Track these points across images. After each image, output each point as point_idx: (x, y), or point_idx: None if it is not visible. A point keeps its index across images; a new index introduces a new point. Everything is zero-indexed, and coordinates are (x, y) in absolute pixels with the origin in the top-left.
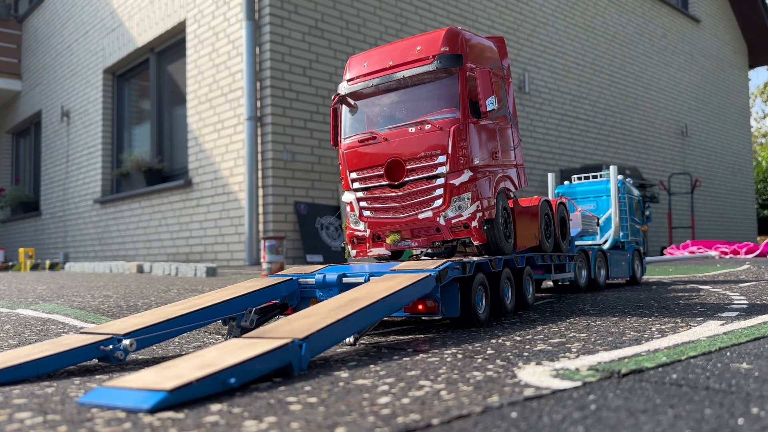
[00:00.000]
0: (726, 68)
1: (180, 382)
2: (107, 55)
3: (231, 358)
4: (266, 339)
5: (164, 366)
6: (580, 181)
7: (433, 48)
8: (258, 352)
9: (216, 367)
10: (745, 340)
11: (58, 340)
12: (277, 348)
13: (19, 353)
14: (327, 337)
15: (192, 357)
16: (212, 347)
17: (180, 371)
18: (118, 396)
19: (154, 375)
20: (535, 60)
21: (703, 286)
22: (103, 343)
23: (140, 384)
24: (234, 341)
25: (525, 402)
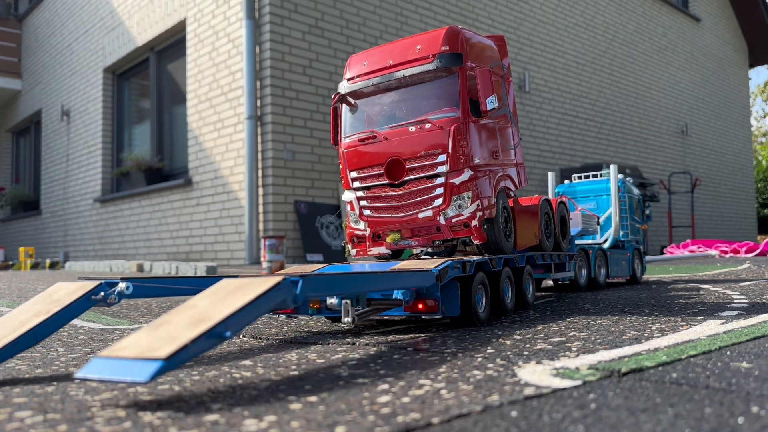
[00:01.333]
0: (726, 67)
1: (175, 346)
2: (107, 54)
3: (224, 307)
4: (259, 278)
5: (156, 325)
6: (580, 180)
7: (434, 47)
8: (250, 298)
9: (210, 322)
10: (746, 339)
11: (49, 295)
12: (269, 289)
13: (13, 322)
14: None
15: (184, 309)
16: (204, 294)
17: (173, 330)
18: (114, 368)
19: (147, 338)
20: (536, 59)
21: (703, 285)
22: (93, 292)
23: (135, 352)
24: (225, 283)
25: (525, 401)
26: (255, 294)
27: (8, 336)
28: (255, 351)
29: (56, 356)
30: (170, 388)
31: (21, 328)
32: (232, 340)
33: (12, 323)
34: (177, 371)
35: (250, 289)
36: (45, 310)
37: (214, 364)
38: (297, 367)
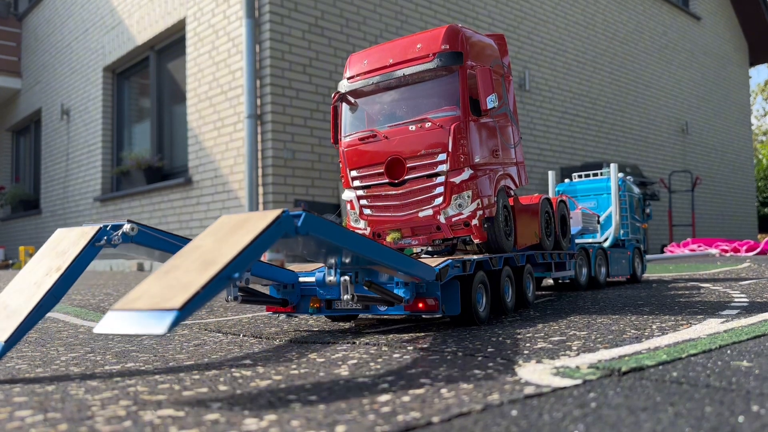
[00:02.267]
0: (727, 66)
1: (187, 295)
2: (107, 53)
3: (228, 247)
4: (258, 213)
5: (165, 271)
6: (580, 179)
7: (434, 46)
8: (253, 236)
9: (218, 265)
10: (746, 338)
11: (53, 247)
12: (270, 224)
13: (28, 284)
14: (325, 221)
15: (190, 251)
16: (206, 233)
17: (183, 276)
18: (131, 321)
19: (158, 287)
20: (536, 58)
21: (703, 284)
22: (96, 238)
23: (148, 303)
24: (226, 219)
25: (525, 400)
26: (257, 231)
27: (32, 300)
28: (255, 350)
29: (56, 355)
30: (170, 387)
31: (39, 290)
32: (232, 337)
33: (27, 286)
34: (177, 370)
35: (251, 225)
36: (55, 266)
37: (215, 363)
38: (297, 366)
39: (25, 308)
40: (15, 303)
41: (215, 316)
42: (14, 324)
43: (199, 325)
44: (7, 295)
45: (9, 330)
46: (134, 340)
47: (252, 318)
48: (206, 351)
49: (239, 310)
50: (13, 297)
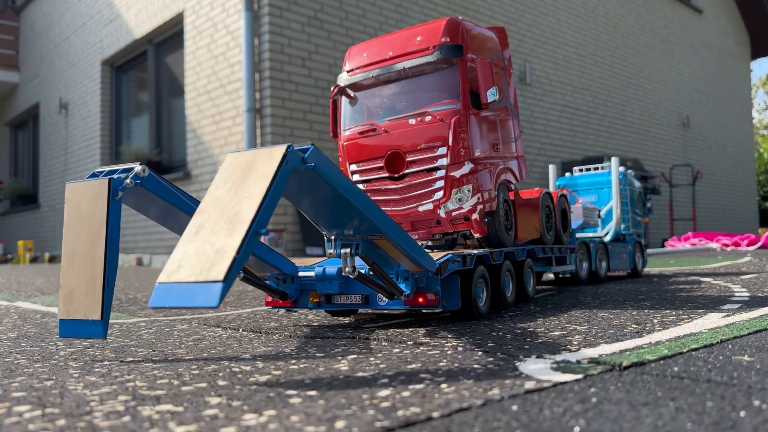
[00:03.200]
0: (728, 59)
1: (226, 264)
2: (105, 46)
3: (248, 201)
4: (264, 151)
5: (194, 231)
6: (581, 172)
7: (434, 38)
8: (268, 183)
9: (245, 224)
10: (747, 333)
11: (78, 210)
12: (280, 166)
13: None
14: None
15: (211, 204)
16: (219, 180)
17: (213, 237)
18: (181, 294)
19: (194, 253)
20: (536, 51)
21: (704, 278)
22: (113, 194)
23: (191, 275)
24: (233, 161)
25: (526, 395)
26: (269, 176)
27: (96, 273)
28: (254, 345)
29: (55, 350)
30: (169, 382)
31: (96, 262)
32: (232, 332)
33: (82, 260)
34: (176, 366)
35: (261, 167)
36: (95, 233)
37: (214, 358)
38: (297, 361)
39: (98, 283)
40: (84, 280)
41: (214, 311)
42: (98, 301)
43: (198, 320)
44: (68, 276)
45: (97, 308)
46: (132, 335)
47: (251, 313)
48: (205, 346)
49: (238, 305)
50: (77, 275)
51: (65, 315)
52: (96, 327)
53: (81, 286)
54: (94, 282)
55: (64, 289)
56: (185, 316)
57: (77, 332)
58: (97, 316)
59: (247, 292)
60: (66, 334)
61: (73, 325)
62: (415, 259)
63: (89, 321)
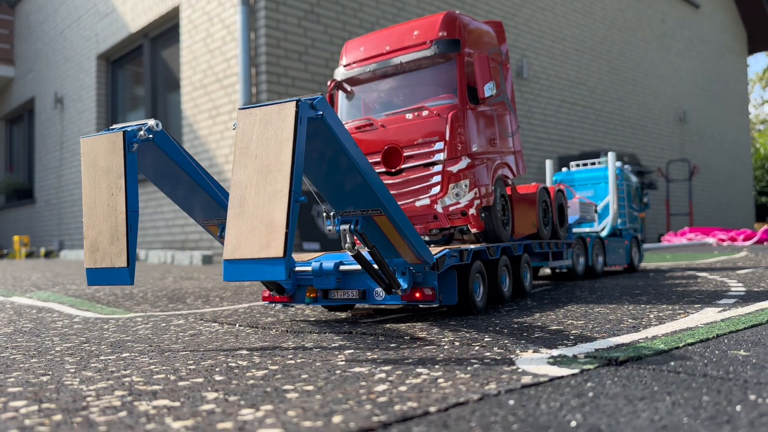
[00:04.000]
0: (725, 54)
1: (281, 240)
2: (100, 40)
3: (281, 176)
4: (274, 108)
5: (239, 204)
6: (578, 168)
7: (431, 33)
8: (291, 148)
9: (284, 196)
10: (743, 327)
11: (94, 165)
12: (295, 124)
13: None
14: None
15: (256, 190)
16: (242, 142)
17: (259, 211)
18: (248, 269)
19: (247, 230)
20: (534, 45)
21: (700, 273)
22: (128, 147)
23: (252, 252)
24: (247, 122)
25: (522, 389)
26: (290, 141)
27: (119, 221)
28: (251, 340)
29: (51, 345)
30: (166, 377)
31: (118, 212)
32: (228, 327)
33: (103, 210)
34: (172, 361)
35: (278, 129)
36: (115, 185)
37: (210, 353)
38: (293, 356)
39: (121, 232)
40: (107, 230)
41: (211, 306)
42: (123, 249)
43: (195, 315)
44: (91, 227)
45: (123, 255)
46: (129, 330)
47: (248, 308)
48: (202, 341)
49: (235, 300)
50: (99, 225)
51: (91, 264)
52: (123, 274)
53: (104, 236)
54: (117, 231)
55: (88, 240)
56: (182, 311)
57: (104, 280)
58: (123, 263)
59: (244, 287)
60: (93, 282)
61: (100, 273)
62: (413, 245)
63: (116, 269)
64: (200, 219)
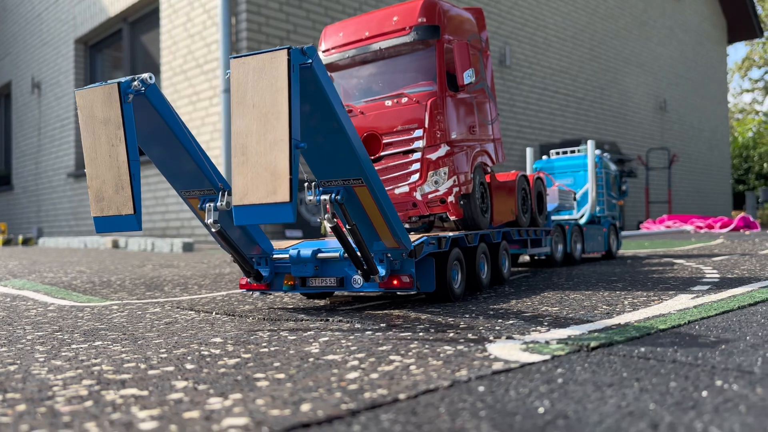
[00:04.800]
0: (705, 43)
1: (286, 186)
2: (78, 24)
3: (279, 124)
4: (267, 56)
5: (241, 152)
6: (558, 155)
7: (410, 19)
8: (286, 97)
9: (285, 143)
10: (714, 314)
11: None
12: (289, 73)
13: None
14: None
15: (257, 138)
16: (237, 93)
17: (264, 160)
18: (258, 213)
19: (253, 177)
20: (516, 33)
21: (677, 260)
22: (124, 97)
23: (260, 198)
24: (241, 71)
25: (493, 376)
26: (285, 90)
27: (122, 170)
28: (227, 328)
29: (22, 334)
30: (136, 366)
31: (120, 161)
32: (205, 315)
33: (105, 160)
34: (145, 349)
35: (272, 78)
36: (114, 136)
37: (184, 341)
38: (267, 344)
39: (125, 181)
40: (111, 179)
41: (189, 294)
42: (128, 197)
43: (172, 303)
44: (95, 177)
45: (129, 203)
46: (104, 319)
47: (226, 296)
48: (177, 329)
49: (213, 288)
50: (104, 173)
51: (98, 213)
52: (130, 221)
53: (109, 185)
54: (120, 180)
55: (92, 190)
56: (159, 299)
57: (112, 227)
58: (130, 210)
59: (224, 275)
60: (102, 229)
61: (108, 221)
62: (392, 225)
63: (123, 216)
64: (182, 190)
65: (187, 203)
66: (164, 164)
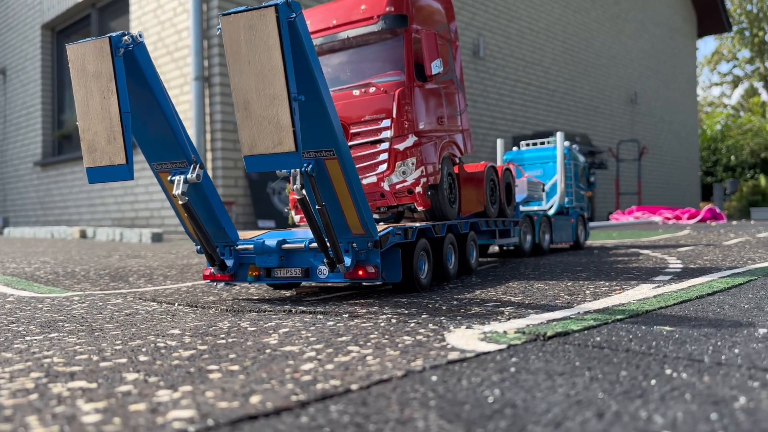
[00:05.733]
0: (675, 37)
1: (290, 137)
2: (45, 9)
3: (277, 79)
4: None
5: (244, 107)
6: (528, 147)
7: (378, 8)
8: (279, 53)
9: (284, 99)
10: (672, 303)
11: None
12: (279, 31)
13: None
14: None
15: (257, 94)
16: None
17: (265, 112)
18: (266, 162)
19: (258, 130)
20: (490, 24)
21: (643, 250)
22: (115, 52)
23: (267, 148)
24: (232, 27)
25: (447, 365)
26: (278, 47)
27: (114, 122)
28: (187, 319)
29: None
30: (89, 358)
31: (112, 113)
32: (167, 306)
33: (97, 112)
34: (100, 341)
35: (263, 35)
36: (106, 89)
37: (141, 333)
38: (226, 336)
39: (117, 132)
40: (103, 130)
41: (153, 285)
42: (120, 147)
43: (135, 294)
44: (87, 129)
45: (122, 153)
46: (63, 310)
47: (191, 287)
48: (136, 320)
49: (179, 279)
50: (96, 125)
51: (90, 163)
52: (122, 170)
53: (101, 137)
54: (113, 131)
55: (85, 142)
56: (122, 290)
57: (105, 177)
58: (123, 160)
59: (191, 265)
60: (94, 180)
61: (101, 171)
62: (360, 207)
63: (115, 166)
64: (154, 162)
65: (157, 178)
66: (141, 130)
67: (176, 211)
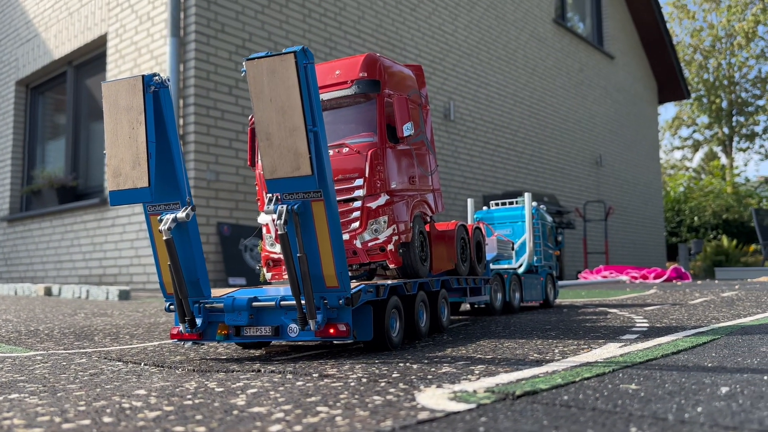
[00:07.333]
0: (638, 103)
1: (307, 163)
2: (21, 66)
3: (295, 115)
4: (277, 59)
5: (266, 138)
6: (497, 206)
7: (352, 73)
8: (297, 92)
9: (302, 131)
10: (639, 362)
11: (116, 104)
12: (298, 73)
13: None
14: None
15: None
16: (258, 92)
17: (285, 142)
18: (289, 184)
19: (278, 156)
20: (460, 89)
21: (611, 309)
22: (146, 89)
23: (287, 172)
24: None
25: (417, 426)
26: (297, 87)
27: (140, 149)
28: (153, 380)
29: None
30: (50, 419)
31: (140, 142)
32: (133, 366)
33: (125, 140)
34: (63, 402)
35: (284, 77)
36: (135, 120)
37: (106, 394)
38: (193, 396)
39: (142, 158)
40: (129, 156)
41: (119, 344)
42: (144, 172)
43: (99, 354)
44: (113, 156)
45: (145, 177)
46: (25, 370)
47: (158, 346)
48: (101, 381)
49: (146, 338)
50: (123, 152)
51: (114, 187)
52: (144, 192)
53: (126, 162)
54: (138, 157)
55: (110, 168)
56: (87, 349)
57: (127, 199)
58: (146, 183)
59: (158, 324)
60: (116, 202)
61: (123, 194)
62: (338, 257)
63: (138, 189)
64: (149, 204)
65: (147, 219)
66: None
67: (155, 255)
